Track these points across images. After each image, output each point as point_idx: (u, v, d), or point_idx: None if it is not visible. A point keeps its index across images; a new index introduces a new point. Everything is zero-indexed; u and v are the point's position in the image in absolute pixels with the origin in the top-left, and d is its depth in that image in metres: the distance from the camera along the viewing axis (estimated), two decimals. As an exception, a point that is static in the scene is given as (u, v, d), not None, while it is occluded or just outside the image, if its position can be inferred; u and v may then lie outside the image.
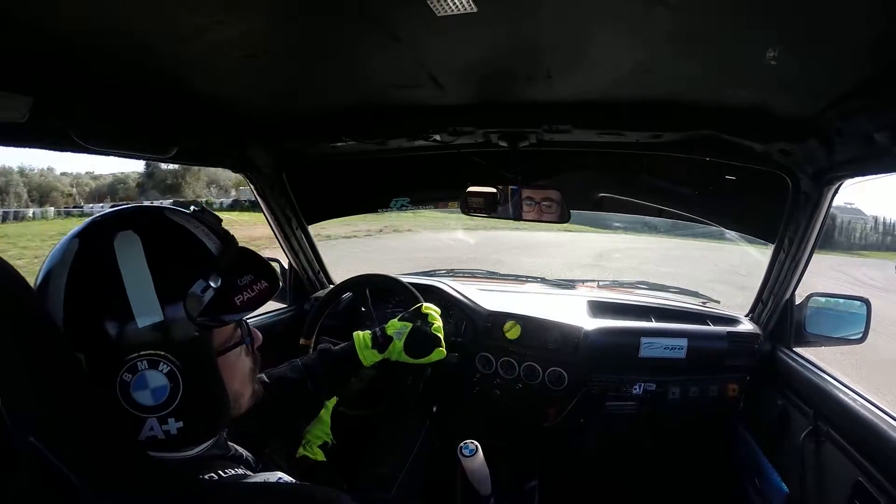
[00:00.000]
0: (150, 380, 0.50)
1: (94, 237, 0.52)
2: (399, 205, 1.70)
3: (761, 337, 1.43)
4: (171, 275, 0.51)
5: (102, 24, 0.67)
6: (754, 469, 1.38)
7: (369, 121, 1.25)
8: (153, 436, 0.52)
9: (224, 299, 0.54)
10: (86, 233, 0.53)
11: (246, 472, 0.59)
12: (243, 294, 0.56)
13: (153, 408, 0.51)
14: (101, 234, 0.52)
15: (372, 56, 0.86)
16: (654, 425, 1.58)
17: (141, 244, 0.51)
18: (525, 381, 1.55)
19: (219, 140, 1.26)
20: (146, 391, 0.50)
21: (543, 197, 1.27)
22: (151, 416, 0.51)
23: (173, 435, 0.52)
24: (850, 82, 0.82)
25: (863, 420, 0.96)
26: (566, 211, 1.27)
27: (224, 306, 0.54)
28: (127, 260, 0.50)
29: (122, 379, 0.49)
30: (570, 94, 1.06)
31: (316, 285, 1.82)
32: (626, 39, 0.77)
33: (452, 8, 0.64)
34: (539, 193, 1.27)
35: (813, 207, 1.14)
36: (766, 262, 1.38)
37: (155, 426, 0.51)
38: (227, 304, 0.54)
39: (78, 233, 0.53)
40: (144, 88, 0.94)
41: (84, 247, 0.51)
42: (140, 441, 0.52)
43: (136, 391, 0.50)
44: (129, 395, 0.50)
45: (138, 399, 0.50)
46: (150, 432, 0.52)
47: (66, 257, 0.51)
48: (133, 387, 0.49)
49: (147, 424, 0.51)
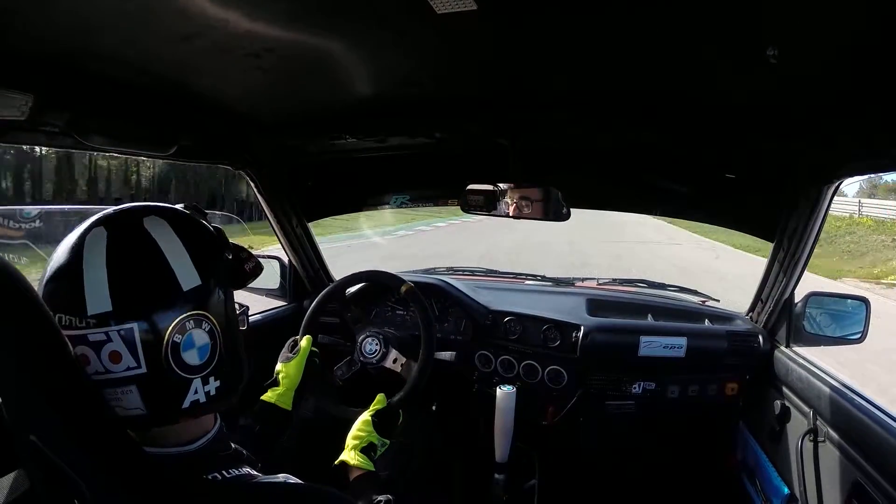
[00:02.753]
0: (197, 338, 0.56)
1: (121, 224, 0.56)
2: (399, 202, 1.71)
3: (760, 336, 1.43)
4: (198, 247, 0.58)
5: (103, 21, 0.67)
6: (755, 469, 1.39)
7: (370, 118, 1.25)
8: (196, 399, 0.56)
9: (238, 267, 0.63)
10: (111, 223, 0.56)
11: (251, 472, 0.59)
12: (247, 264, 0.64)
13: (199, 367, 0.56)
14: (129, 220, 0.57)
15: (372, 53, 0.86)
16: (654, 424, 1.59)
17: (168, 224, 0.57)
18: (524, 379, 1.55)
19: (219, 137, 1.26)
20: (193, 350, 0.55)
21: (543, 195, 1.27)
22: (197, 377, 0.56)
23: (213, 396, 0.58)
24: (850, 81, 0.82)
25: (861, 420, 0.96)
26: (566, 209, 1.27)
27: (239, 272, 0.63)
28: (161, 235, 0.55)
29: (172, 341, 0.54)
30: (570, 91, 1.06)
31: (315, 282, 1.83)
32: (626, 38, 0.77)
33: (453, 5, 0.64)
34: (539, 191, 1.27)
35: (812, 206, 1.14)
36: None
37: (199, 388, 0.56)
38: (241, 270, 0.63)
39: (99, 223, 0.55)
40: (145, 86, 0.94)
41: (115, 233, 0.55)
42: (184, 409, 0.56)
43: (185, 351, 0.55)
44: (180, 356, 0.54)
45: (187, 359, 0.55)
46: (194, 396, 0.56)
47: (95, 241, 0.54)
48: (183, 347, 0.54)
49: (192, 387, 0.56)
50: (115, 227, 0.55)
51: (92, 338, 0.51)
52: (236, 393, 0.62)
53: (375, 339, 1.38)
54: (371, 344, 1.38)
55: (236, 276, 0.62)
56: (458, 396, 1.63)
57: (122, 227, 0.56)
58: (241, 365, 0.63)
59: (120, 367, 0.51)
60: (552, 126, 1.21)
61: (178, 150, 1.10)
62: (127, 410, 0.53)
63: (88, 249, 0.53)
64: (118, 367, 0.51)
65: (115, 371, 0.51)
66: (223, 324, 0.58)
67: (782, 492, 1.22)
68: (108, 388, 0.52)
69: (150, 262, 0.54)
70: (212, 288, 0.57)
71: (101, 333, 0.51)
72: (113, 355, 0.51)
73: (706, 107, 1.06)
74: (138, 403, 0.53)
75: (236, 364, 0.61)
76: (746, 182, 1.31)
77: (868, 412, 0.96)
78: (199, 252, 0.57)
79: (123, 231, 0.55)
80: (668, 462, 1.65)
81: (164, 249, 0.55)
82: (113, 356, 0.51)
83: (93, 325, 0.51)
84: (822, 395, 1.11)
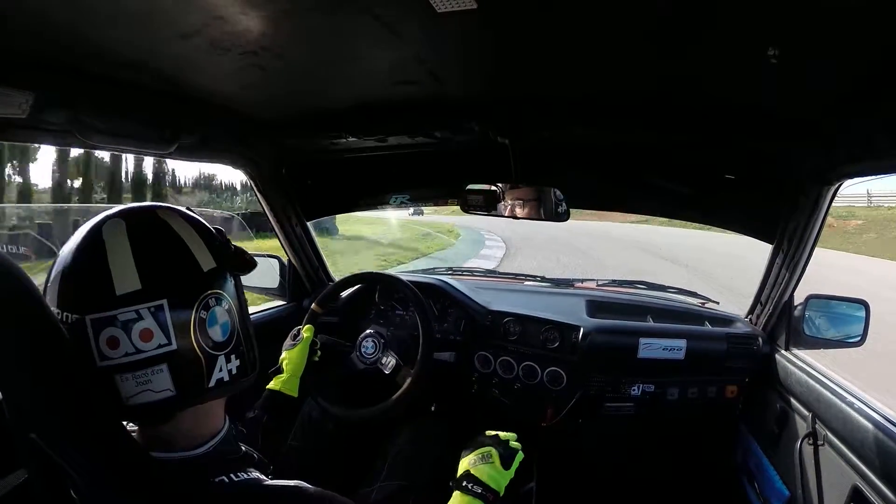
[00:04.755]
0: (219, 315, 0.59)
1: (137, 215, 0.58)
2: (399, 201, 1.70)
3: (760, 339, 1.43)
4: (208, 235, 0.62)
5: (102, 19, 0.67)
6: (754, 471, 1.38)
7: (369, 117, 1.25)
8: (221, 378, 0.59)
9: (241, 255, 0.66)
10: (127, 215, 0.58)
11: (259, 476, 0.59)
12: (246, 255, 0.67)
13: (223, 343, 0.59)
14: (143, 211, 0.59)
15: (372, 52, 0.86)
16: (653, 426, 1.58)
17: (179, 216, 0.60)
18: (523, 380, 1.55)
19: (219, 136, 1.26)
20: (217, 326, 0.58)
21: (543, 195, 1.27)
22: (221, 354, 0.59)
23: (234, 374, 0.61)
24: (851, 82, 0.82)
25: (860, 424, 0.96)
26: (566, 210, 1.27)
27: (242, 259, 0.65)
28: (176, 224, 0.59)
29: (199, 317, 0.56)
30: (570, 91, 1.06)
31: (315, 282, 1.83)
32: (627, 38, 0.77)
33: (453, 4, 0.64)
34: (539, 191, 1.27)
35: (812, 208, 1.13)
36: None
37: (223, 365, 0.59)
38: (243, 256, 0.66)
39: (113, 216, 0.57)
40: (145, 84, 0.94)
41: (134, 221, 0.57)
42: (210, 389, 0.58)
43: (210, 327, 0.58)
44: (207, 333, 0.57)
45: (213, 336, 0.58)
46: (219, 374, 0.59)
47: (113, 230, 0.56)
48: (209, 322, 0.57)
49: (217, 364, 0.59)
50: (131, 217, 0.58)
51: (123, 317, 0.52)
52: (251, 376, 0.64)
53: (374, 339, 1.38)
54: (369, 345, 1.38)
55: (242, 262, 0.65)
56: (458, 397, 1.63)
57: (139, 217, 0.58)
58: (254, 348, 0.65)
59: (151, 346, 0.53)
60: (552, 126, 1.21)
61: (178, 148, 1.10)
62: (156, 393, 0.54)
63: (109, 237, 0.55)
64: (149, 346, 0.53)
65: (146, 349, 0.53)
66: (237, 305, 0.62)
67: (783, 495, 1.21)
68: (137, 372, 0.53)
69: (171, 245, 0.57)
70: (223, 270, 0.61)
71: (132, 312, 0.52)
72: (144, 333, 0.53)
73: (706, 107, 1.06)
74: (168, 384, 0.54)
75: (251, 345, 0.64)
76: (746, 183, 1.31)
77: (867, 415, 0.96)
78: (210, 240, 0.61)
79: (141, 219, 0.58)
80: (667, 464, 1.65)
81: (182, 235, 0.58)
82: (144, 334, 0.53)
83: (123, 305, 0.52)
84: (821, 399, 1.10)
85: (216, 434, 0.61)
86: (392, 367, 1.33)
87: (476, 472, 0.81)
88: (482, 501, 0.78)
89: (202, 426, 0.60)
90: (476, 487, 0.79)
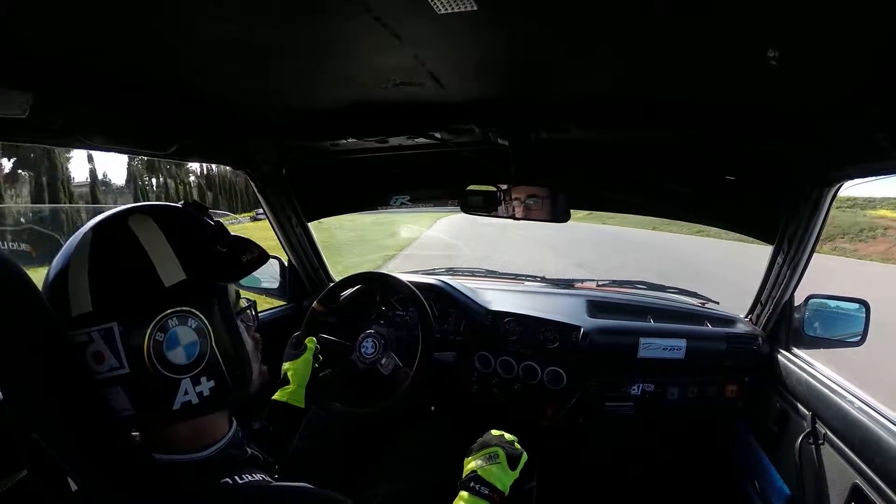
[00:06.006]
0: (182, 336, 0.54)
1: (106, 226, 0.56)
2: (399, 202, 1.71)
3: (760, 338, 1.43)
4: (185, 240, 0.56)
5: (102, 20, 0.67)
6: (754, 471, 1.38)
7: (370, 118, 1.25)
8: (188, 401, 0.54)
9: (233, 259, 0.60)
10: (98, 225, 0.56)
11: (265, 478, 0.58)
12: (246, 255, 0.61)
13: (186, 367, 0.54)
14: (114, 220, 0.56)
15: (372, 54, 0.86)
16: (653, 426, 1.58)
17: (153, 220, 0.56)
18: (524, 380, 1.55)
19: (219, 137, 1.26)
20: (178, 349, 0.53)
21: (543, 196, 1.27)
22: (185, 377, 0.54)
23: (206, 397, 0.56)
24: (850, 83, 0.82)
25: (860, 423, 0.96)
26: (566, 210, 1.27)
27: (234, 265, 0.60)
28: (144, 232, 0.54)
29: (154, 340, 0.52)
30: (570, 92, 1.06)
31: (315, 282, 1.83)
32: (627, 38, 0.77)
33: (453, 5, 0.64)
34: (539, 192, 1.28)
35: (812, 208, 1.14)
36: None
37: (189, 388, 0.54)
38: (237, 262, 0.60)
39: (89, 227, 0.56)
40: (144, 85, 0.94)
41: (100, 232, 0.55)
42: (175, 412, 0.54)
43: (168, 350, 0.53)
44: (164, 356, 0.53)
45: (172, 359, 0.53)
46: (184, 397, 0.54)
47: (82, 245, 0.54)
48: (166, 345, 0.53)
49: (181, 388, 0.54)
50: (100, 229, 0.55)
51: (77, 339, 0.51)
52: (236, 394, 0.60)
53: (374, 340, 1.38)
54: (369, 345, 1.38)
55: (231, 268, 0.60)
56: (458, 397, 1.63)
57: (107, 229, 0.55)
58: (243, 363, 0.60)
59: (104, 368, 0.51)
60: (552, 127, 1.21)
61: (178, 149, 1.10)
62: (116, 412, 0.52)
63: (75, 253, 0.53)
64: (102, 368, 0.51)
65: (100, 371, 0.51)
66: (215, 319, 0.56)
67: (784, 494, 1.21)
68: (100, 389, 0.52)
69: (129, 261, 0.53)
70: (199, 282, 0.55)
71: (84, 334, 0.51)
72: (96, 356, 0.51)
73: (706, 108, 1.06)
74: (126, 404, 0.52)
75: (236, 362, 0.59)
76: (747, 184, 1.31)
77: (868, 415, 0.96)
78: (185, 246, 0.55)
79: (107, 232, 0.55)
80: (667, 464, 1.65)
81: (146, 246, 0.54)
82: (97, 356, 0.51)
83: (76, 327, 0.51)
84: (821, 398, 1.11)
85: (221, 438, 0.60)
86: (391, 368, 1.33)
87: (483, 473, 0.81)
88: (489, 502, 0.78)
89: (204, 433, 0.58)
90: (483, 489, 0.79)
